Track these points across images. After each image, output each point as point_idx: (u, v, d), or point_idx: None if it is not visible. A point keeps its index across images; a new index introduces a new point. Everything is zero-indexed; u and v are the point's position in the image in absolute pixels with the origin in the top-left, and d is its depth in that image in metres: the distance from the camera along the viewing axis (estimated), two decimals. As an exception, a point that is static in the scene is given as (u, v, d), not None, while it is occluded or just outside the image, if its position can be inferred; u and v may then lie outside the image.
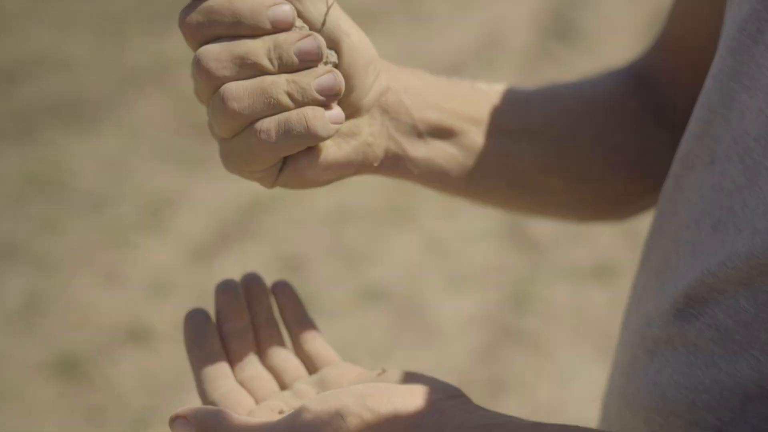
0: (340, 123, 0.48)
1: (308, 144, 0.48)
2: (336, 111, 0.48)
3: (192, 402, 1.66)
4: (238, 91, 0.46)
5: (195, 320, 0.52)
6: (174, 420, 0.47)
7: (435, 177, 0.56)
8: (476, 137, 0.57)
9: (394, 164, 0.55)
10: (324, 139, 0.48)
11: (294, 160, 0.50)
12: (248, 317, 0.54)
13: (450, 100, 0.56)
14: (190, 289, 2.04)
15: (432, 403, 0.46)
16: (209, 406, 0.47)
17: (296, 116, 0.47)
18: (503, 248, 2.20)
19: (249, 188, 2.29)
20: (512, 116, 0.59)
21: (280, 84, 0.47)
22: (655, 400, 0.49)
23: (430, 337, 1.96)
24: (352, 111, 0.51)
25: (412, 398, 0.46)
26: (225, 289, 0.54)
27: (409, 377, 0.50)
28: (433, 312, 2.01)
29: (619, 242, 2.19)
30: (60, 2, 3.18)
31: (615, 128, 0.62)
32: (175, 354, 1.88)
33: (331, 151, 0.51)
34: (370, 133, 0.52)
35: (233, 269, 1.93)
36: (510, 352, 1.91)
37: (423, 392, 0.47)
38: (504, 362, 1.89)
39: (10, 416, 1.74)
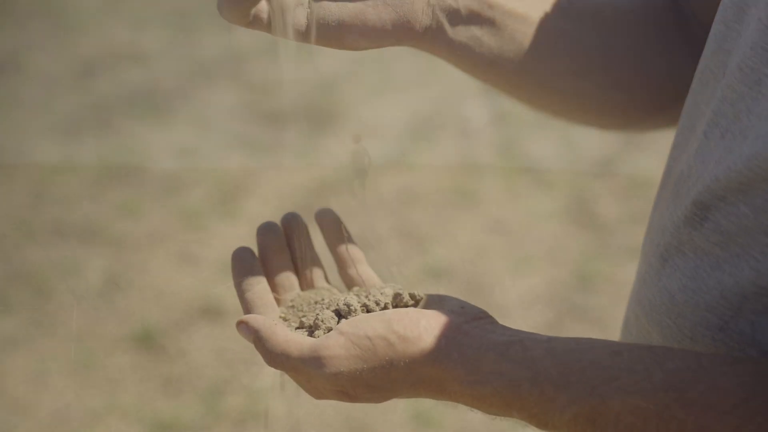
0: None
1: None
2: None
3: (263, 376, 1.71)
4: None
5: (241, 258, 0.57)
6: (239, 324, 0.52)
7: (468, 62, 0.58)
8: (515, 33, 0.58)
9: (432, 41, 0.57)
10: None
11: (332, 23, 0.53)
12: (288, 254, 0.58)
13: None
14: (260, 269, 2.10)
15: (456, 326, 0.50)
16: (268, 320, 0.52)
17: None
18: (568, 228, 2.20)
19: (316, 173, 2.35)
20: (553, 17, 0.60)
21: None
22: (666, 304, 0.51)
23: (495, 314, 1.95)
24: None
25: (437, 322, 0.50)
26: (265, 229, 0.58)
27: (438, 300, 0.53)
28: (498, 291, 2.03)
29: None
30: None
31: (646, 41, 0.62)
32: (246, 329, 1.94)
33: (371, 18, 0.53)
34: (411, 9, 0.54)
35: (301, 250, 1.97)
36: (575, 329, 1.92)
37: (448, 316, 0.50)
38: (569, 339, 1.89)
39: (93, 386, 1.83)
